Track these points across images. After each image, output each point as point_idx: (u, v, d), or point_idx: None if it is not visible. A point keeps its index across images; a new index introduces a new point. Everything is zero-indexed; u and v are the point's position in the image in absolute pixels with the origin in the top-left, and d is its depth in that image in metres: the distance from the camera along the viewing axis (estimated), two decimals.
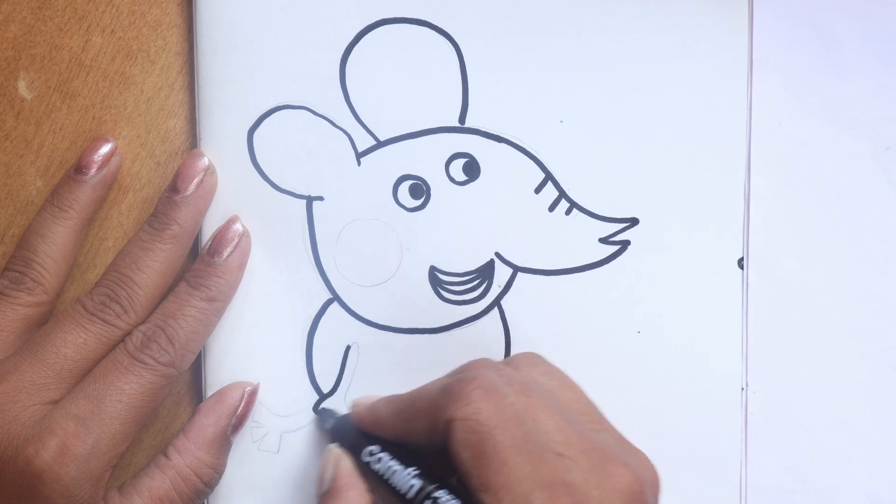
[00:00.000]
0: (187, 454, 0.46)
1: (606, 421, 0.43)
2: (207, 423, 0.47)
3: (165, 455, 0.46)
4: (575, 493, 0.38)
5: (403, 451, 0.43)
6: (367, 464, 0.43)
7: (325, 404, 0.49)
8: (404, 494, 0.41)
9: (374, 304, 0.49)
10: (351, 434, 0.45)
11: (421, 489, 0.40)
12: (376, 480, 0.43)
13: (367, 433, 0.44)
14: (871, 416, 0.50)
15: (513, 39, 0.49)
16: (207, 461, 0.47)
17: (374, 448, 0.43)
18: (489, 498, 0.38)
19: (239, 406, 0.48)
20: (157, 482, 0.46)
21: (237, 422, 0.48)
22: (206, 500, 0.49)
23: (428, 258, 0.49)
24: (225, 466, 0.48)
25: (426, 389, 0.42)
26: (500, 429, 0.39)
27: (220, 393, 0.48)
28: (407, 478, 0.41)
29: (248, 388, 0.48)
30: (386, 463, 0.42)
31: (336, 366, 0.49)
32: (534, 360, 0.44)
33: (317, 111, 0.49)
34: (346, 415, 0.47)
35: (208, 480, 0.47)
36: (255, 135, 0.48)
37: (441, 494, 0.40)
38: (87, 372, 0.45)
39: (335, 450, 0.45)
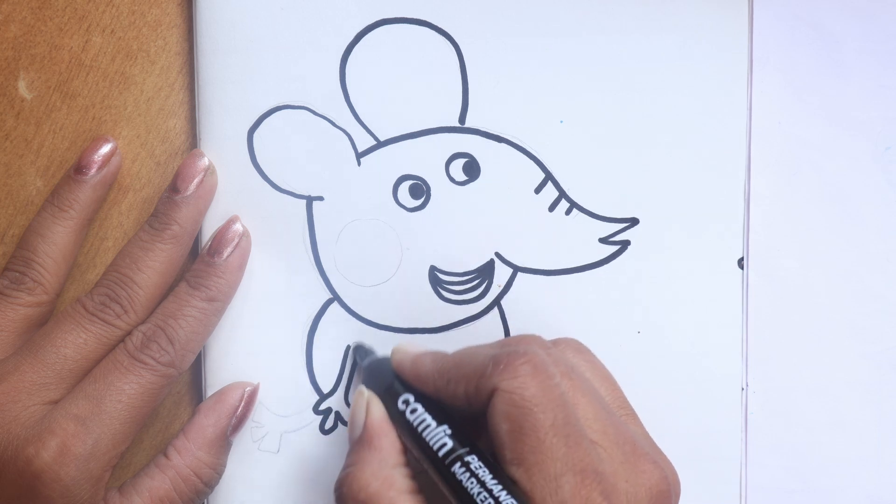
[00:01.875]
0: (187, 454, 0.46)
1: (639, 419, 0.44)
2: (207, 423, 0.47)
3: (165, 455, 0.46)
4: (604, 483, 0.38)
5: (434, 407, 0.42)
6: (402, 412, 0.43)
7: (327, 403, 0.49)
8: (436, 451, 0.41)
9: (374, 304, 0.49)
10: (385, 377, 0.44)
11: (452, 449, 0.41)
12: (406, 430, 0.42)
13: (402, 381, 0.44)
14: (871, 416, 0.50)
15: (513, 39, 0.49)
16: (207, 461, 0.47)
17: (409, 397, 0.43)
18: (520, 473, 0.39)
19: (239, 406, 0.48)
20: (157, 482, 0.46)
21: (237, 422, 0.48)
22: (206, 500, 0.49)
23: (428, 258, 0.49)
24: (225, 466, 0.48)
25: (474, 354, 0.42)
26: (541, 407, 0.39)
27: (220, 393, 0.48)
28: (440, 435, 0.41)
29: (248, 388, 0.48)
30: (420, 415, 0.42)
31: (336, 366, 0.49)
32: (579, 347, 0.45)
33: (317, 111, 0.49)
34: (384, 357, 0.46)
35: (208, 480, 0.47)
36: (255, 135, 0.48)
37: (471, 460, 0.40)
38: (87, 372, 0.45)
39: (367, 393, 0.44)
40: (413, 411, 0.42)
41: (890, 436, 0.50)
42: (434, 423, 0.42)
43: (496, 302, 0.49)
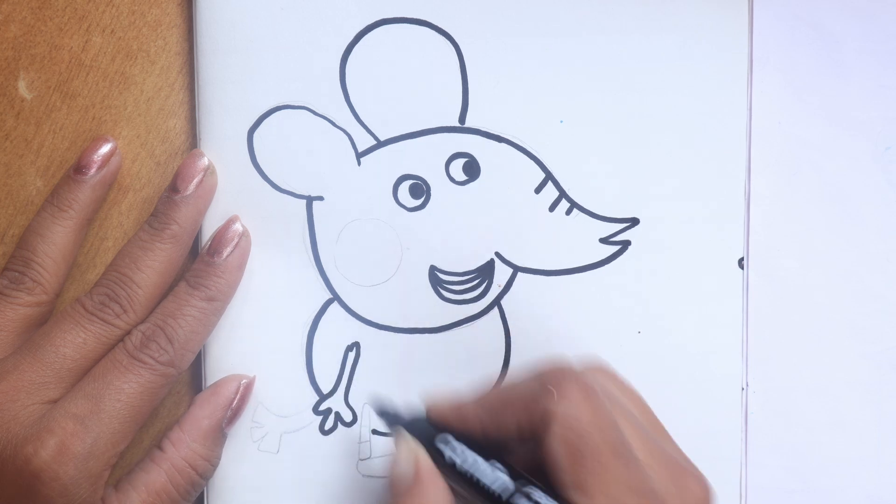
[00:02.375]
0: (182, 446, 0.46)
1: (670, 436, 0.44)
2: (202, 414, 0.47)
3: (160, 448, 0.46)
4: (659, 502, 0.39)
5: (476, 447, 0.41)
6: (446, 456, 0.41)
7: (327, 403, 0.49)
8: (492, 490, 0.40)
9: (374, 304, 0.49)
10: (421, 427, 0.42)
11: (511, 485, 0.39)
12: (455, 476, 0.41)
13: (439, 427, 0.42)
14: (871, 416, 0.50)
15: (513, 39, 0.49)
16: (202, 453, 0.47)
17: (447, 436, 0.41)
18: (582, 498, 0.38)
19: (234, 398, 0.48)
20: (154, 476, 0.46)
21: (232, 414, 0.48)
22: (205, 500, 0.49)
23: (428, 258, 0.49)
24: (220, 458, 0.48)
25: (517, 384, 0.41)
26: (598, 430, 0.39)
27: (216, 385, 0.48)
28: (495, 473, 0.40)
29: (244, 380, 0.48)
30: (469, 456, 0.41)
31: (336, 366, 0.49)
32: (607, 370, 0.45)
33: (317, 111, 0.49)
34: (416, 414, 0.43)
35: (203, 472, 0.47)
36: (255, 135, 0.48)
37: (531, 491, 0.39)
38: (87, 371, 0.45)
39: (410, 440, 0.42)
40: (454, 450, 0.41)
41: (890, 436, 0.50)
42: (485, 463, 0.40)
43: (496, 302, 0.49)
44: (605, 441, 0.39)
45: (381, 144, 0.49)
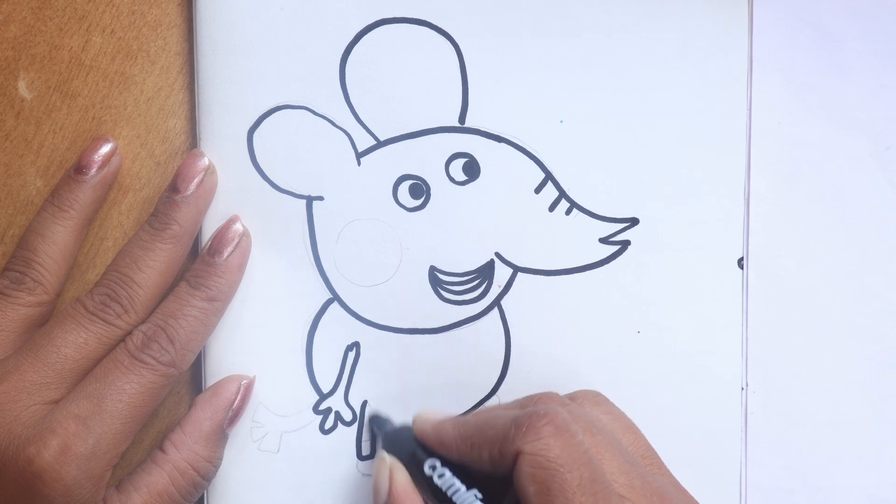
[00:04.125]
0: (184, 448, 0.46)
1: (665, 466, 0.44)
2: (204, 416, 0.47)
3: (162, 449, 0.47)
4: None
5: (460, 471, 0.43)
6: (429, 478, 0.43)
7: (327, 403, 0.49)
8: None
9: (374, 304, 0.49)
10: (407, 445, 0.45)
11: None
12: (433, 496, 0.42)
13: (425, 448, 0.44)
14: (871, 416, 0.50)
15: (513, 39, 0.49)
16: (204, 454, 0.47)
17: (436, 461, 0.43)
18: None
19: (235, 399, 0.48)
20: (155, 477, 0.46)
21: (233, 415, 0.48)
22: (206, 500, 0.49)
23: (428, 258, 0.49)
24: (221, 459, 0.48)
25: (495, 417, 0.42)
26: (567, 467, 0.39)
27: (216, 386, 0.48)
28: (470, 499, 0.41)
29: (244, 380, 0.48)
30: (449, 480, 0.42)
31: (336, 366, 0.49)
32: (598, 398, 0.45)
33: (317, 111, 0.49)
34: (404, 425, 0.46)
35: (205, 473, 0.47)
36: (255, 135, 0.48)
37: None
38: (88, 371, 0.45)
39: (389, 459, 0.44)
40: (441, 476, 0.42)
41: (890, 436, 0.50)
42: (463, 488, 0.42)
43: (496, 302, 0.49)
44: (575, 478, 0.39)
45: (381, 144, 0.49)
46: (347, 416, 0.49)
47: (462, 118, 0.49)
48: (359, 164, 0.49)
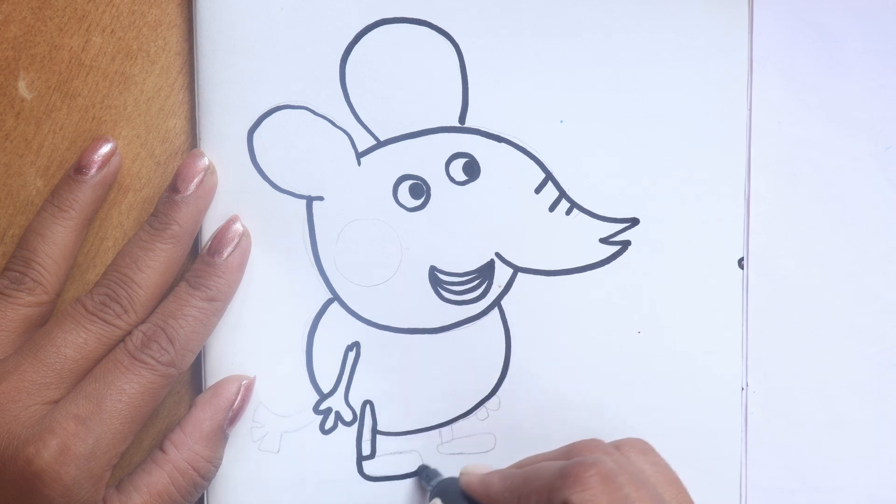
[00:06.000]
0: (184, 448, 0.46)
1: None
2: (204, 416, 0.47)
3: (162, 449, 0.47)
4: None
5: None
6: None
7: (327, 403, 0.49)
8: None
9: (374, 304, 0.49)
10: (454, 497, 0.45)
11: None
12: None
13: (472, 501, 0.44)
14: (871, 416, 0.50)
15: (513, 39, 0.49)
16: (204, 454, 0.47)
17: None
18: None
19: (235, 399, 0.48)
20: (155, 478, 0.46)
21: (233, 415, 0.48)
22: (205, 500, 0.49)
23: (428, 258, 0.49)
24: (221, 460, 0.48)
25: (542, 468, 0.42)
26: None
27: (217, 386, 0.48)
28: None
29: (245, 381, 0.48)
30: None
31: (336, 366, 0.49)
32: (644, 447, 0.45)
33: (317, 111, 0.49)
34: (451, 479, 0.47)
35: (205, 474, 0.47)
36: (255, 135, 0.48)
37: None
38: (88, 371, 0.45)
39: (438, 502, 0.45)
40: None
41: (890, 436, 0.50)
42: None
43: (496, 302, 0.49)
44: None
45: (381, 144, 0.49)
46: (347, 416, 0.49)
47: (462, 118, 0.49)
48: (359, 164, 0.49)
